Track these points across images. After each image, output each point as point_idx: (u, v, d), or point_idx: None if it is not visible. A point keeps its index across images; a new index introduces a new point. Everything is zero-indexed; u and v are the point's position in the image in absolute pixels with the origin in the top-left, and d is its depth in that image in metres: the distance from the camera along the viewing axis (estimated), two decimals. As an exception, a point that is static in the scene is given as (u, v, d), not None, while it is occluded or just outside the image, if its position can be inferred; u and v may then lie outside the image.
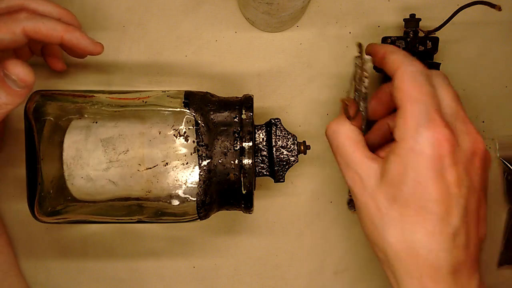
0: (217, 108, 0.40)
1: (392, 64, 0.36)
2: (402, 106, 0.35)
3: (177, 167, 0.39)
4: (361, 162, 0.36)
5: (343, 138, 0.37)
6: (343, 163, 0.37)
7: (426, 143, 0.33)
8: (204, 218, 0.41)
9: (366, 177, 0.36)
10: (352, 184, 0.37)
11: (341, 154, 0.37)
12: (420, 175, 0.33)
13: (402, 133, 0.34)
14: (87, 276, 0.51)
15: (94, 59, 0.49)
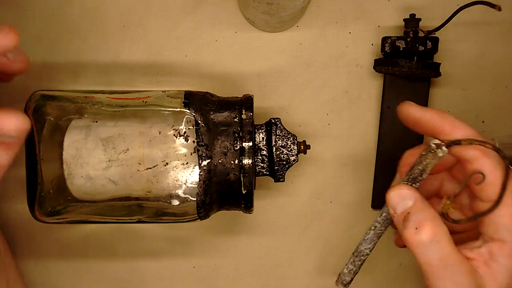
0: (217, 108, 0.40)
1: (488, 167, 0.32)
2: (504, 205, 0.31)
3: (177, 167, 0.39)
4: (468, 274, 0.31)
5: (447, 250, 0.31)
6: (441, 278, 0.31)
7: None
8: (204, 218, 0.41)
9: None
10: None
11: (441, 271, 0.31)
12: None
13: (505, 231, 0.31)
14: (87, 276, 0.51)
15: (94, 59, 0.49)
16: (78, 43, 0.49)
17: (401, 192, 0.33)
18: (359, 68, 0.50)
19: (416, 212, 0.32)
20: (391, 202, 0.33)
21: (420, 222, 0.31)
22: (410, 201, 0.32)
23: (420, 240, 0.31)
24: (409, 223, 0.31)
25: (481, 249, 0.32)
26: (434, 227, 0.31)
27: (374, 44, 0.50)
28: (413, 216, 0.32)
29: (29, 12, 0.49)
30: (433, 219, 0.31)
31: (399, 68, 0.46)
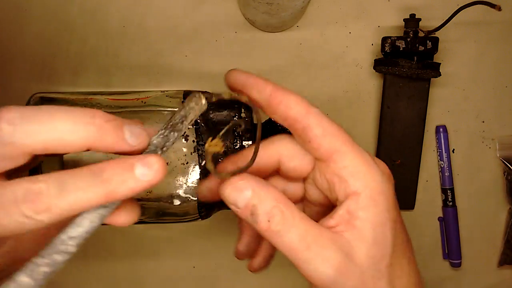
0: (217, 107, 0.40)
1: (294, 113, 0.31)
2: (344, 154, 0.30)
3: (178, 167, 0.39)
4: (330, 243, 0.29)
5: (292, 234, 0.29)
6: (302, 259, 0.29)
7: (386, 182, 0.30)
8: (206, 217, 0.41)
9: (346, 255, 0.29)
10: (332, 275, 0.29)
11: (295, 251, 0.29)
12: (395, 214, 0.30)
13: (360, 182, 0.29)
14: (87, 276, 0.51)
15: (94, 59, 0.49)
16: (78, 43, 0.49)
17: (236, 186, 0.29)
18: (359, 68, 0.50)
19: (261, 203, 0.29)
20: (229, 200, 0.30)
21: (269, 213, 0.29)
22: (248, 191, 0.29)
23: (275, 230, 0.29)
24: (259, 217, 0.29)
25: (340, 212, 0.30)
26: (284, 212, 0.29)
27: (374, 44, 0.50)
28: (260, 209, 0.29)
29: (29, 12, 0.49)
30: (279, 203, 0.29)
31: (399, 68, 0.46)
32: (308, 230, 0.29)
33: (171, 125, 0.28)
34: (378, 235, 0.29)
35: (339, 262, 0.28)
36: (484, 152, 0.52)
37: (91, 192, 0.24)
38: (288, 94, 0.32)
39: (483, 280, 0.52)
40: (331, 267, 0.28)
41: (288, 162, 0.33)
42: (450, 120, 0.51)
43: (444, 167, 0.51)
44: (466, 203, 0.52)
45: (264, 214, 0.29)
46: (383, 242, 0.29)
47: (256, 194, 0.29)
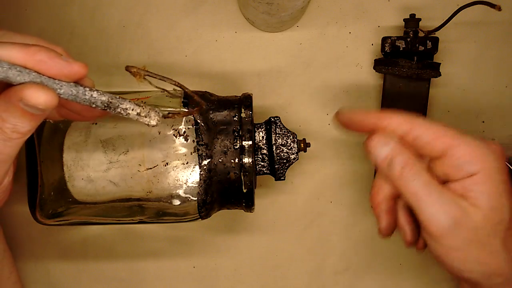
0: (216, 107, 0.40)
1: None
2: (457, 147, 0.34)
3: (178, 167, 0.39)
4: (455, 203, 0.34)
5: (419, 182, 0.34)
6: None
7: (499, 159, 0.34)
8: (206, 217, 0.41)
9: (466, 213, 0.33)
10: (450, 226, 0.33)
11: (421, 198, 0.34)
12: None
13: (475, 166, 0.33)
14: (87, 276, 0.51)
15: (94, 59, 0.49)
16: (78, 43, 0.49)
17: (380, 139, 0.35)
18: (359, 68, 0.50)
19: (397, 155, 0.34)
20: (372, 152, 0.35)
21: (404, 161, 0.34)
22: (389, 145, 0.35)
23: (406, 175, 0.34)
24: (394, 165, 0.34)
25: (453, 185, 0.34)
26: (415, 164, 0.34)
27: (374, 44, 0.50)
28: (397, 159, 0.34)
29: (29, 12, 0.49)
30: (412, 156, 0.34)
31: (399, 68, 0.46)
32: (433, 183, 0.34)
33: (116, 103, 0.32)
34: (494, 202, 0.33)
35: (456, 214, 0.33)
36: (484, 152, 0.52)
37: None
38: (390, 117, 0.36)
39: (483, 280, 0.52)
40: (448, 216, 0.33)
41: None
42: (450, 120, 0.51)
43: (444, 167, 0.51)
44: (466, 203, 0.52)
45: (400, 162, 0.34)
46: (500, 207, 0.33)
47: (396, 148, 0.35)
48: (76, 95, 0.31)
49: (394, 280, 0.52)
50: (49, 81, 0.30)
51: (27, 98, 0.28)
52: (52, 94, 0.29)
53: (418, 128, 0.35)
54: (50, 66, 0.30)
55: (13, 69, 0.28)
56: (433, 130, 0.34)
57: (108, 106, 0.31)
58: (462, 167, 0.33)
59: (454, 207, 0.33)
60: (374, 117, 0.36)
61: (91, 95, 0.31)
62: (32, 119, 0.30)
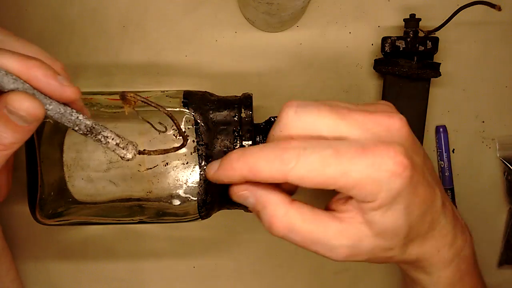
0: (216, 107, 0.40)
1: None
2: (348, 184, 0.30)
3: (178, 167, 0.39)
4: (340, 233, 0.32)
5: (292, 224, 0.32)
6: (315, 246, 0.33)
7: (396, 183, 0.30)
8: (206, 217, 0.41)
9: (358, 242, 0.32)
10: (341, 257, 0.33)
11: (307, 239, 0.32)
12: (408, 199, 0.32)
13: (371, 197, 0.31)
14: (87, 276, 0.51)
15: (94, 59, 0.49)
16: (78, 43, 0.49)
17: (238, 192, 0.33)
18: (359, 68, 0.50)
19: (260, 211, 0.32)
20: (239, 201, 0.33)
21: (268, 221, 0.32)
22: (250, 199, 0.32)
23: (281, 235, 0.32)
24: (263, 223, 0.32)
25: (353, 202, 0.32)
26: (282, 221, 0.31)
27: (374, 44, 0.50)
28: (261, 216, 0.32)
29: (29, 12, 0.49)
30: (277, 211, 0.31)
31: (399, 68, 0.46)
32: (311, 232, 0.31)
33: (99, 129, 0.32)
34: (388, 225, 0.31)
35: (346, 252, 0.32)
36: (484, 152, 0.52)
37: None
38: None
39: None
40: (338, 255, 0.32)
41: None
42: (450, 120, 0.51)
43: (444, 167, 0.51)
44: (466, 203, 0.52)
45: (265, 221, 0.32)
46: (395, 229, 0.32)
47: (257, 202, 0.32)
48: (63, 114, 0.31)
49: (394, 280, 0.52)
50: (41, 95, 0.30)
51: (10, 103, 0.28)
52: (38, 105, 0.29)
53: (293, 180, 0.30)
54: (42, 84, 0.30)
55: (9, 76, 0.29)
56: (310, 180, 0.30)
57: (90, 131, 0.32)
58: (356, 197, 0.31)
59: (344, 246, 0.32)
60: (238, 173, 0.32)
61: (77, 117, 0.31)
62: (16, 130, 0.30)
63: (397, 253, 0.34)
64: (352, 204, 0.32)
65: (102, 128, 0.32)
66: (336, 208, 0.32)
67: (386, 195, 0.30)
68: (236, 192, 0.33)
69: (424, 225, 0.34)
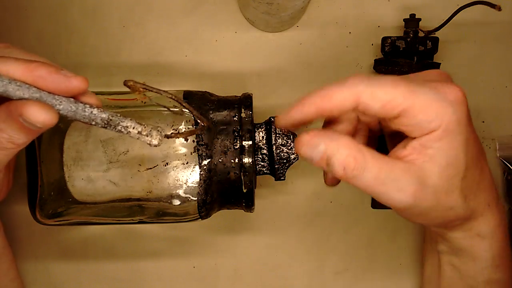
0: (216, 107, 0.40)
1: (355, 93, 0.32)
2: (411, 107, 0.31)
3: (178, 167, 0.39)
4: (406, 172, 0.32)
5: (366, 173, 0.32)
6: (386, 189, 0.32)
7: (457, 109, 0.32)
8: (206, 217, 0.41)
9: (423, 180, 0.32)
10: (405, 197, 0.32)
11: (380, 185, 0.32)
12: (467, 132, 0.33)
13: (433, 123, 0.31)
14: (87, 276, 0.51)
15: (94, 59, 0.49)
16: (78, 43, 0.49)
17: (310, 143, 0.33)
18: (359, 68, 0.50)
19: (334, 154, 0.32)
20: (306, 156, 0.33)
21: (343, 162, 0.31)
22: (321, 146, 0.32)
23: (352, 175, 0.32)
24: (335, 167, 0.32)
25: (413, 144, 0.32)
26: (356, 158, 0.31)
27: (374, 44, 0.50)
28: (334, 159, 0.32)
29: (29, 12, 0.49)
30: (351, 150, 0.32)
31: (399, 68, 0.46)
32: (381, 168, 0.32)
33: (117, 120, 0.32)
34: (450, 158, 0.32)
35: (413, 190, 0.32)
36: (484, 152, 0.52)
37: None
38: (329, 98, 0.33)
39: (483, 280, 0.52)
40: (405, 196, 0.32)
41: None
42: (450, 120, 0.51)
43: (444, 167, 0.51)
44: (466, 203, 0.52)
45: (339, 164, 0.32)
46: (456, 162, 0.32)
47: (329, 147, 0.32)
48: (76, 111, 0.31)
49: (394, 280, 0.52)
50: (48, 96, 0.30)
51: (27, 115, 0.29)
52: (52, 113, 0.30)
53: (364, 98, 0.31)
54: (48, 81, 0.30)
55: (13, 83, 0.29)
56: (381, 96, 0.31)
57: (108, 123, 0.31)
58: (420, 126, 0.32)
59: (409, 182, 0.32)
60: (312, 105, 0.33)
61: (91, 111, 0.31)
62: (28, 133, 0.31)
63: (458, 201, 0.34)
64: (412, 146, 0.32)
65: (120, 119, 0.32)
66: (398, 154, 0.33)
67: (451, 119, 0.31)
68: (305, 141, 0.33)
69: (477, 170, 0.35)
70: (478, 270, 0.38)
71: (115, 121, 0.32)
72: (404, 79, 0.32)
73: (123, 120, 0.32)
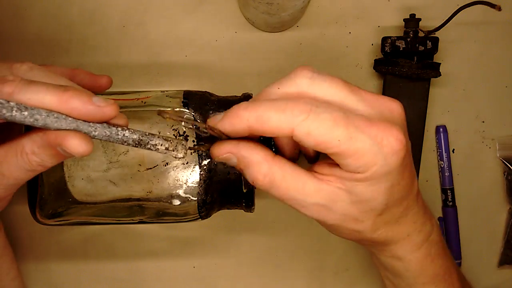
0: (216, 107, 0.40)
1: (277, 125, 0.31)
2: (345, 153, 0.31)
3: (178, 167, 0.39)
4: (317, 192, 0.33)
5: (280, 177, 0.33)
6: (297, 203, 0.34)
7: (390, 161, 0.31)
8: (206, 217, 0.41)
9: (332, 203, 0.33)
10: (317, 216, 0.34)
11: (290, 196, 0.33)
12: (394, 179, 0.33)
13: (363, 168, 0.31)
14: (87, 276, 0.51)
15: (94, 59, 0.49)
16: (78, 43, 0.49)
17: (220, 150, 0.33)
18: (359, 68, 0.50)
19: (246, 168, 0.33)
20: (225, 160, 0.34)
21: (251, 177, 0.33)
22: (233, 160, 0.33)
23: (262, 188, 0.33)
24: (247, 178, 0.33)
25: (335, 170, 0.32)
26: (265, 175, 0.32)
27: (374, 44, 0.50)
28: (245, 172, 0.33)
29: (29, 12, 0.49)
30: (260, 167, 0.32)
31: (399, 68, 0.46)
32: (288, 188, 0.33)
33: (147, 140, 0.32)
34: (366, 196, 0.32)
35: (317, 209, 0.33)
36: (484, 152, 0.52)
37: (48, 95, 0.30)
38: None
39: (483, 280, 0.52)
40: (310, 212, 0.33)
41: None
42: (450, 120, 0.51)
43: (444, 167, 0.51)
44: (466, 203, 0.52)
45: (249, 177, 0.33)
46: (372, 203, 0.33)
47: (241, 163, 0.33)
48: (110, 135, 0.32)
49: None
50: (84, 124, 0.31)
51: (67, 146, 0.30)
52: (89, 142, 0.30)
53: (299, 133, 0.30)
54: (82, 113, 0.30)
55: (51, 116, 0.30)
56: (316, 136, 0.30)
57: (139, 143, 0.33)
58: (347, 166, 0.31)
59: (317, 203, 0.33)
60: (245, 123, 0.32)
61: (123, 134, 0.32)
62: (60, 159, 0.32)
63: (367, 229, 0.34)
64: (335, 172, 0.32)
65: (149, 138, 0.33)
66: (318, 171, 0.33)
67: (379, 170, 0.31)
68: (218, 154, 0.33)
69: (400, 209, 0.35)
70: (406, 286, 0.39)
71: (145, 141, 0.33)
72: (347, 115, 0.30)
73: (152, 139, 0.33)
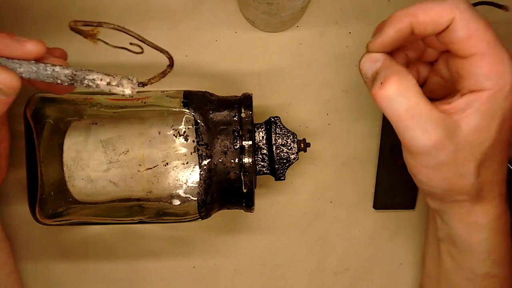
0: (216, 107, 0.40)
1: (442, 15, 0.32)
2: (483, 56, 0.32)
3: (178, 167, 0.39)
4: (441, 119, 0.32)
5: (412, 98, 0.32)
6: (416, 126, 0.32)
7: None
8: (206, 217, 0.41)
9: (447, 133, 0.32)
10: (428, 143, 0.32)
11: (413, 115, 0.32)
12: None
13: (490, 82, 0.32)
14: (87, 276, 0.51)
15: (94, 59, 0.49)
16: (78, 43, 0.49)
17: (371, 56, 0.34)
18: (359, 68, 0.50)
19: (383, 70, 0.33)
20: (363, 69, 0.34)
21: (385, 78, 0.32)
22: (379, 62, 0.33)
23: (385, 94, 0.32)
24: (376, 81, 0.32)
25: (459, 100, 0.32)
26: (399, 80, 0.31)
27: (374, 44, 0.50)
28: (380, 74, 0.32)
29: (29, 12, 0.49)
30: (398, 73, 0.32)
31: (399, 68, 0.46)
32: (418, 103, 0.31)
33: (82, 74, 0.30)
34: (483, 125, 0.32)
35: (438, 137, 0.31)
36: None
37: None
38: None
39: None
40: (429, 139, 0.31)
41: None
42: (450, 120, 0.51)
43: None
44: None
45: (381, 78, 0.32)
46: (486, 132, 0.32)
47: (383, 65, 0.33)
48: (37, 71, 0.30)
49: (394, 280, 0.52)
50: (7, 61, 0.30)
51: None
52: (12, 75, 0.29)
53: (458, 19, 0.32)
54: (2, 48, 0.30)
55: None
56: (471, 27, 0.32)
57: (73, 79, 0.30)
58: (477, 77, 0.32)
59: (437, 130, 0.32)
60: (409, 16, 0.32)
61: (52, 69, 0.30)
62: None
63: (471, 171, 0.33)
64: (458, 103, 0.32)
65: (85, 72, 0.30)
66: (439, 107, 0.33)
67: (505, 89, 0.31)
68: (368, 56, 0.34)
69: (498, 157, 0.34)
70: (475, 262, 0.38)
71: (81, 75, 0.30)
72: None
73: (89, 73, 0.30)
